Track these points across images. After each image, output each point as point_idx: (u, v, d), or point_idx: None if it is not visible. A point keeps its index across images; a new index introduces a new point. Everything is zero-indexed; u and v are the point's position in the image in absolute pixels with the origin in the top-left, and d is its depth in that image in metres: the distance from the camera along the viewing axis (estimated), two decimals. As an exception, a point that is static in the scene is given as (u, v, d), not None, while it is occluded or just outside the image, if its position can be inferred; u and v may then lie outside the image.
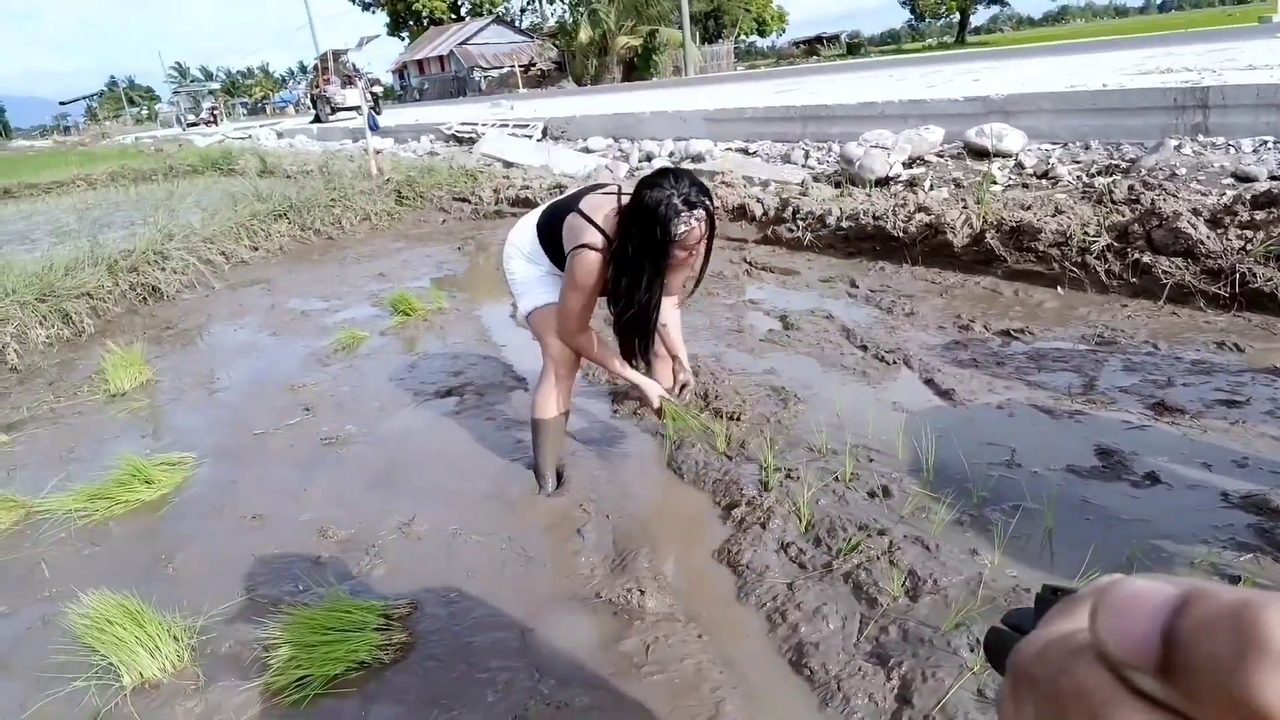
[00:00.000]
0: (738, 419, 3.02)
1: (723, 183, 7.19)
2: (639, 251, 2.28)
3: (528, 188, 8.50)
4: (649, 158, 9.66)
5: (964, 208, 4.61)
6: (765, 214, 5.93)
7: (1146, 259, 3.74)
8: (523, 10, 54.94)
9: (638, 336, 2.47)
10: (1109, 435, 2.59)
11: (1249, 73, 6.07)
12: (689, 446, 2.85)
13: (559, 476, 2.79)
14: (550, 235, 2.54)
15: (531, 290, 2.64)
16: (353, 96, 24.93)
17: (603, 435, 3.10)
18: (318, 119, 26.96)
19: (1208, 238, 3.62)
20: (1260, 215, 3.63)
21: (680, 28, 35.53)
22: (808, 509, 2.34)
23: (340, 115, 26.03)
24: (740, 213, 6.17)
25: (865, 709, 1.71)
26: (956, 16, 54.80)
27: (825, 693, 1.76)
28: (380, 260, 6.89)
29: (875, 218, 4.97)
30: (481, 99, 30.93)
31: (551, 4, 51.97)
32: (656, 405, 2.65)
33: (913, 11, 57.54)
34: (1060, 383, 3.00)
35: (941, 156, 6.82)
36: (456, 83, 47.57)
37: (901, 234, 4.75)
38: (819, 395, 3.13)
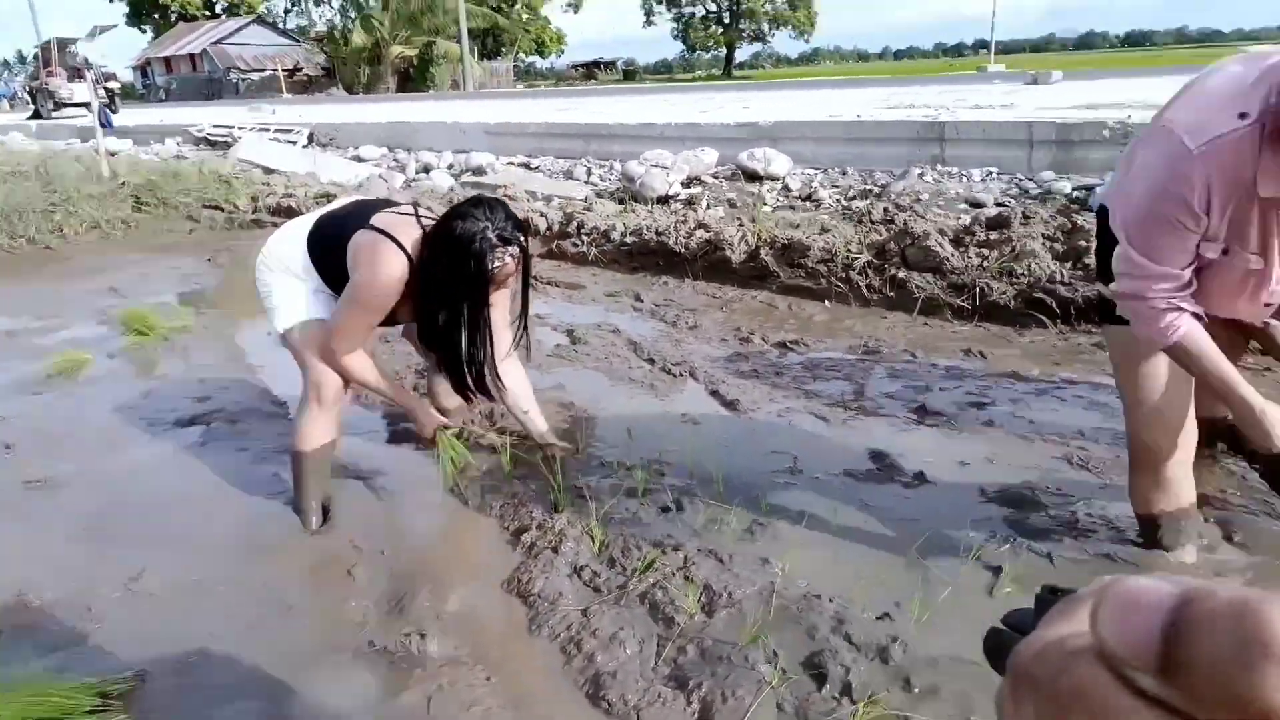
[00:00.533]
0: (525, 439, 2.87)
1: (505, 196, 7.03)
2: (451, 285, 2.14)
3: (291, 195, 7.86)
4: (426, 169, 9.30)
5: (740, 226, 4.78)
6: (550, 228, 5.85)
7: (902, 274, 4.04)
8: (287, 11, 51.64)
9: (470, 375, 2.31)
10: (880, 439, 2.72)
11: (975, 111, 6.84)
12: (473, 471, 2.65)
13: (325, 512, 2.49)
14: (326, 249, 2.27)
15: (292, 305, 2.35)
16: (81, 92, 22.09)
17: (376, 462, 2.83)
18: (37, 114, 23.69)
19: (952, 255, 3.96)
20: (994, 235, 4.03)
21: (459, 41, 34.99)
22: (601, 529, 2.23)
23: (67, 112, 23.04)
24: (524, 225, 6.03)
25: (666, 739, 1.62)
26: (724, 51, 58.34)
27: (625, 726, 1.65)
28: (112, 273, 6.04)
29: (658, 233, 5.03)
30: (239, 102, 28.54)
31: (319, 5, 49.33)
32: (429, 434, 2.45)
33: (685, 43, 60.60)
34: (834, 391, 3.13)
35: (717, 177, 7.09)
36: (210, 85, 43.68)
37: (683, 250, 4.84)
38: (609, 410, 3.06)
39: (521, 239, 2.15)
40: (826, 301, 4.20)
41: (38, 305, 5.17)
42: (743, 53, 64.32)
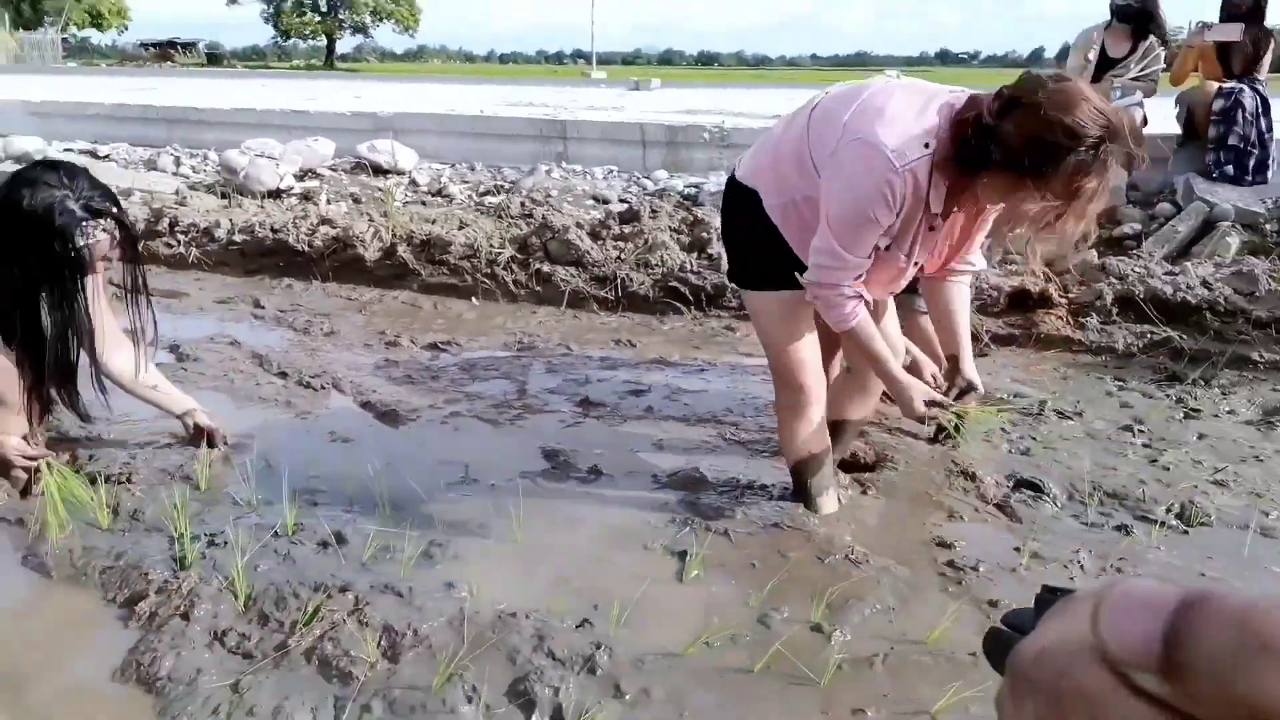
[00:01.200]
0: (127, 481, 2.32)
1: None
2: (25, 272, 1.67)
3: None
4: (-56, 156, 7.34)
5: (371, 221, 4.43)
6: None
7: (546, 268, 4.03)
8: None
9: (58, 380, 1.86)
10: (550, 437, 2.65)
11: (592, 112, 7.16)
12: (57, 529, 2.07)
13: None
14: None
15: None
16: None
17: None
18: None
19: (592, 249, 4.05)
20: (627, 229, 4.20)
21: (-20, 4, 28.49)
22: (244, 580, 1.85)
23: None
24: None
25: (361, 821, 1.36)
26: (324, 41, 54.89)
27: (306, 819, 1.36)
28: None
29: (274, 230, 4.47)
30: None
31: None
32: (21, 465, 1.88)
33: (276, 29, 55.86)
34: (495, 391, 3.00)
35: (335, 170, 6.55)
36: None
37: (307, 248, 4.35)
38: (238, 435, 2.59)
39: (114, 209, 1.77)
40: (474, 299, 4.05)
41: None
42: (345, 44, 61.29)
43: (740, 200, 2.01)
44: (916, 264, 1.96)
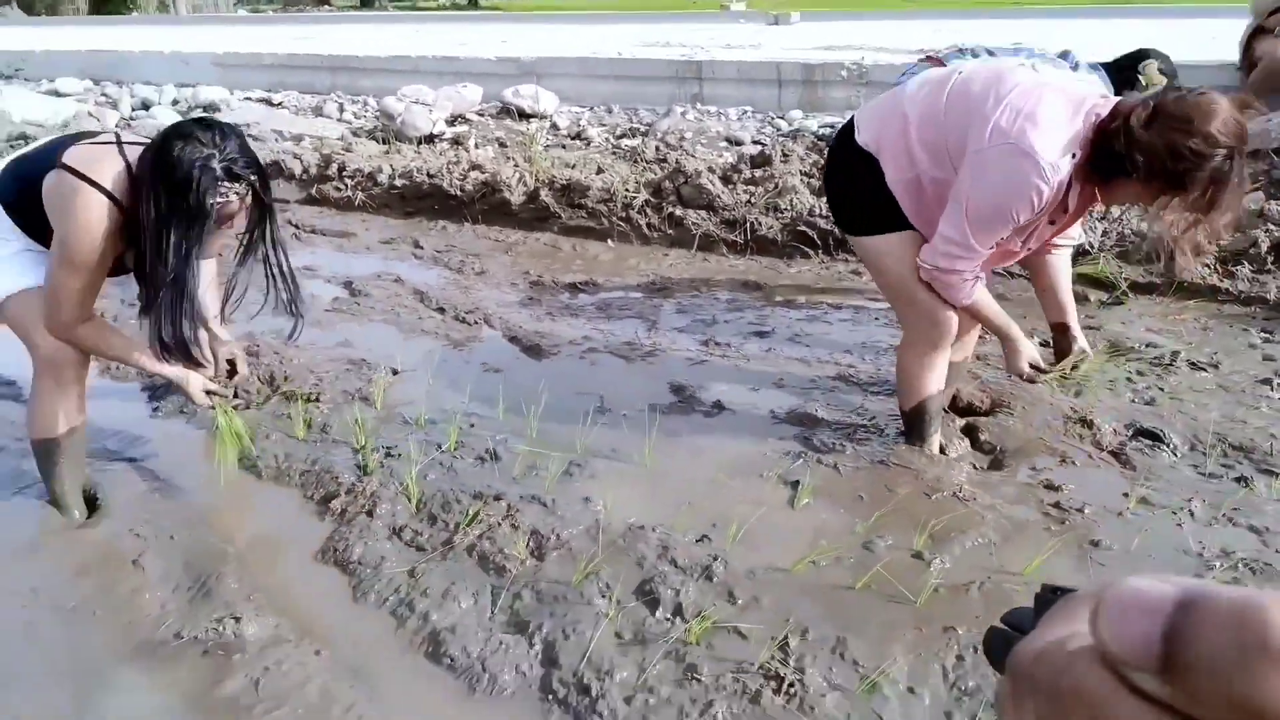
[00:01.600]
0: (316, 400, 2.71)
1: (250, 137, 6.39)
2: (163, 216, 1.82)
3: (-28, 137, 6.63)
4: (145, 105, 8.19)
5: (516, 167, 4.70)
6: (306, 172, 5.41)
7: (678, 212, 4.20)
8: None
9: (171, 321, 1.94)
10: (677, 373, 2.86)
11: (729, 51, 7.15)
12: (263, 438, 2.47)
13: (91, 502, 2.22)
14: (24, 200, 1.94)
15: None
16: None
17: (145, 440, 2.55)
18: None
19: (723, 193, 4.18)
20: (758, 173, 4.29)
21: (163, -43, 30.71)
22: (416, 486, 2.18)
23: None
24: (276, 171, 5.53)
25: (514, 683, 1.65)
26: (468, -21, 56.12)
27: (470, 677, 1.66)
28: None
29: (430, 175, 4.83)
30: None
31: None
32: (205, 401, 2.21)
33: (425, -30, 57.38)
34: (628, 328, 3.23)
35: (482, 115, 6.88)
36: None
37: (459, 193, 4.69)
38: (405, 364, 2.94)
39: (254, 179, 1.89)
40: (610, 241, 4.28)
41: None
42: (489, -20, 62.04)
43: (859, 161, 2.06)
44: (1029, 249, 2.04)
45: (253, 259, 2.03)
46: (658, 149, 4.90)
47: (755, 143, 5.89)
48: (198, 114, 7.58)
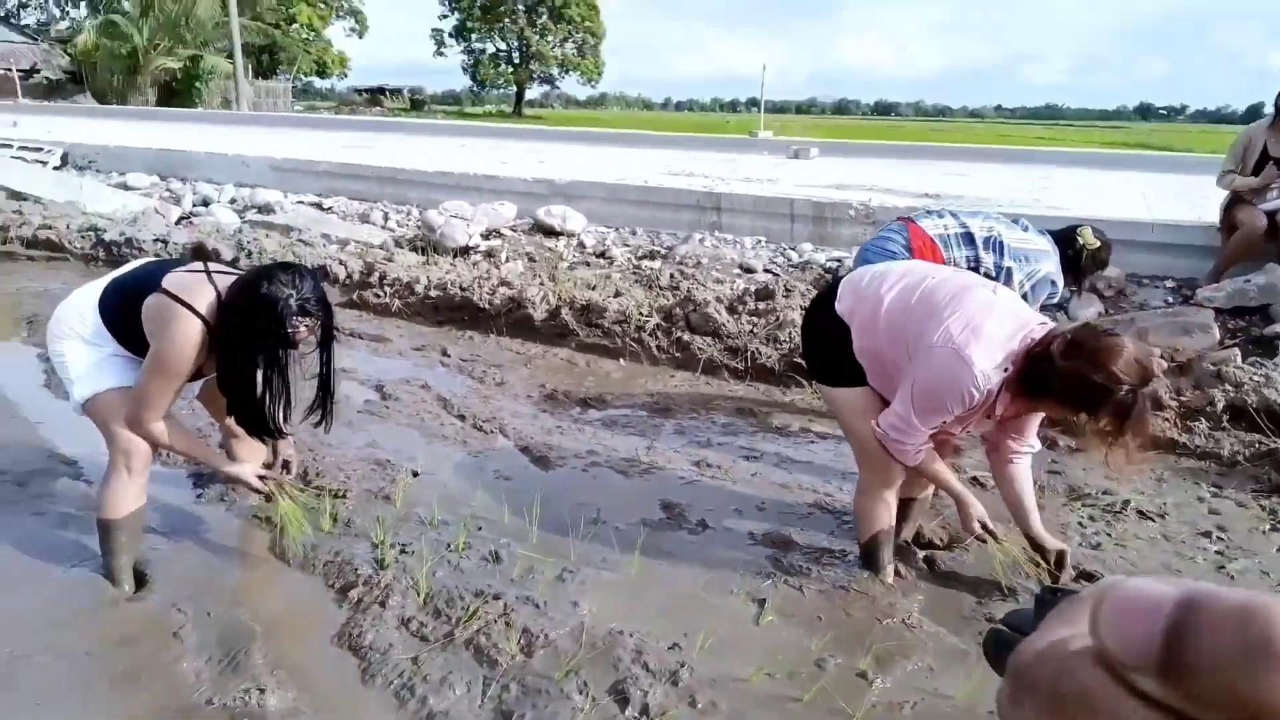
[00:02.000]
0: (343, 496, 3.01)
1: (300, 240, 6.94)
2: (249, 341, 2.25)
3: (49, 227, 7.23)
4: (205, 202, 8.87)
5: (541, 285, 5.12)
6: (350, 277, 5.89)
7: (686, 337, 4.56)
8: (22, 5, 45.85)
9: (260, 428, 2.41)
10: (669, 490, 3.14)
11: (746, 184, 7.69)
12: (296, 532, 2.76)
13: (139, 576, 2.52)
14: (121, 316, 2.33)
15: (89, 374, 2.37)
16: None
17: (190, 523, 2.85)
18: None
19: (728, 321, 4.55)
20: (762, 305, 4.66)
21: (230, 57, 32.90)
22: (426, 582, 2.46)
23: None
24: (322, 274, 6.02)
25: (496, 765, 1.88)
26: (514, 89, 59.05)
27: (458, 758, 1.90)
28: None
29: (462, 289, 5.26)
30: (-37, 103, 25.01)
31: (63, 2, 44.28)
32: (261, 486, 2.54)
33: (474, 79, 60.67)
34: (629, 446, 3.53)
35: (515, 230, 7.41)
36: (-79, 79, 37.90)
37: (488, 306, 5.11)
38: (424, 467, 3.26)
39: (320, 313, 2.28)
40: (621, 360, 4.64)
41: None
42: (533, 91, 65.31)
43: (832, 325, 2.39)
44: (969, 435, 2.39)
45: (312, 374, 2.42)
46: (672, 276, 5.31)
47: (767, 270, 6.32)
48: (254, 215, 8.21)
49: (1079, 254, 3.10)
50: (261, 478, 2.55)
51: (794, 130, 17.17)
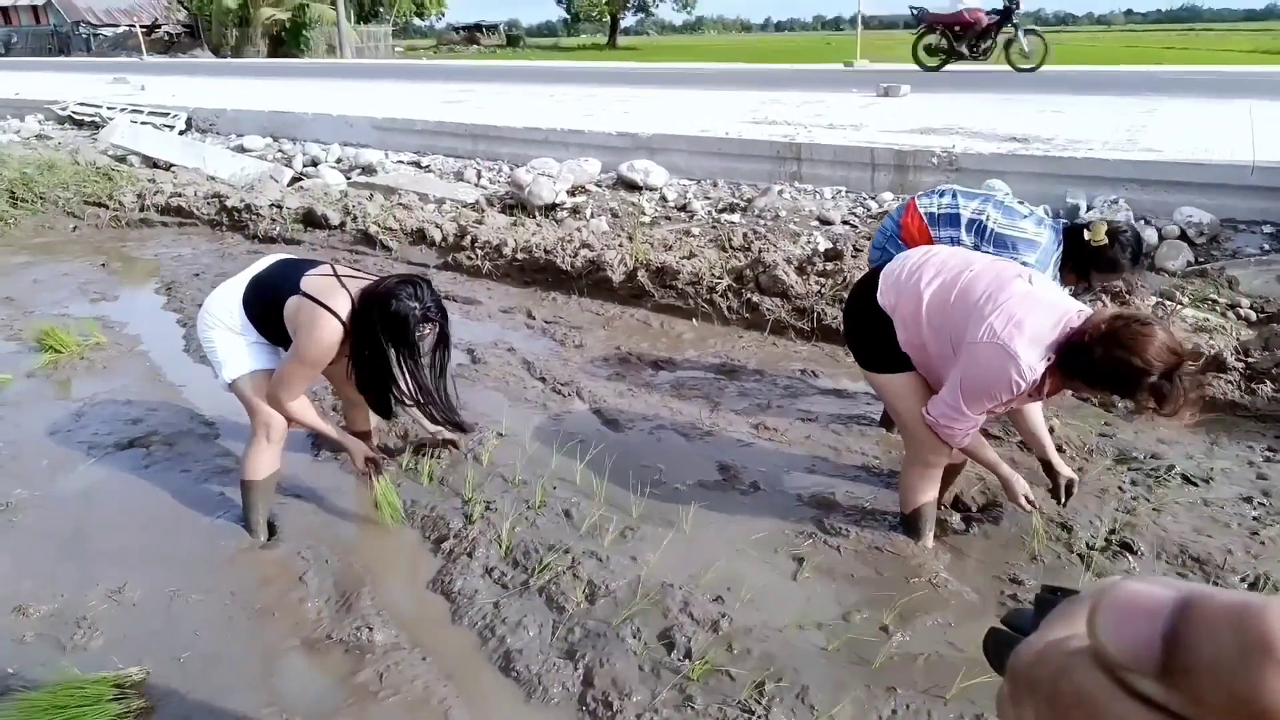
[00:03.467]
0: (438, 456, 3.42)
1: (400, 204, 7.39)
2: (385, 346, 2.64)
3: (180, 195, 7.93)
4: (314, 162, 9.46)
5: (620, 248, 5.38)
6: (445, 240, 6.29)
7: (755, 298, 4.76)
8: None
9: (435, 409, 2.83)
10: (727, 453, 3.42)
11: (828, 131, 7.65)
12: (396, 485, 3.19)
13: (271, 527, 2.99)
14: (263, 311, 2.74)
15: (236, 358, 2.81)
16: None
17: (310, 482, 3.31)
18: None
19: (796, 282, 4.71)
20: (830, 266, 4.80)
21: (333, 5, 33.84)
22: (507, 536, 2.83)
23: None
24: (419, 237, 6.46)
25: (560, 695, 2.25)
26: (608, 19, 58.40)
27: (529, 688, 2.27)
28: (3, 279, 6.10)
29: (546, 251, 5.58)
30: (93, 62, 26.81)
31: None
32: (364, 468, 2.95)
33: (568, 11, 60.25)
34: (694, 409, 3.81)
35: (599, 186, 7.66)
36: (56, 39, 40.59)
37: (570, 268, 5.41)
38: (508, 429, 3.63)
39: (439, 319, 2.69)
40: (694, 320, 4.89)
41: (-65, 319, 5.25)
42: (627, 20, 64.37)
43: (877, 317, 2.52)
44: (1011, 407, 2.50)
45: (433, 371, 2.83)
46: (745, 236, 5.48)
47: (845, 222, 6.39)
48: (358, 176, 8.73)
49: (1085, 251, 2.96)
50: (367, 459, 2.96)
51: (897, 52, 16.47)
